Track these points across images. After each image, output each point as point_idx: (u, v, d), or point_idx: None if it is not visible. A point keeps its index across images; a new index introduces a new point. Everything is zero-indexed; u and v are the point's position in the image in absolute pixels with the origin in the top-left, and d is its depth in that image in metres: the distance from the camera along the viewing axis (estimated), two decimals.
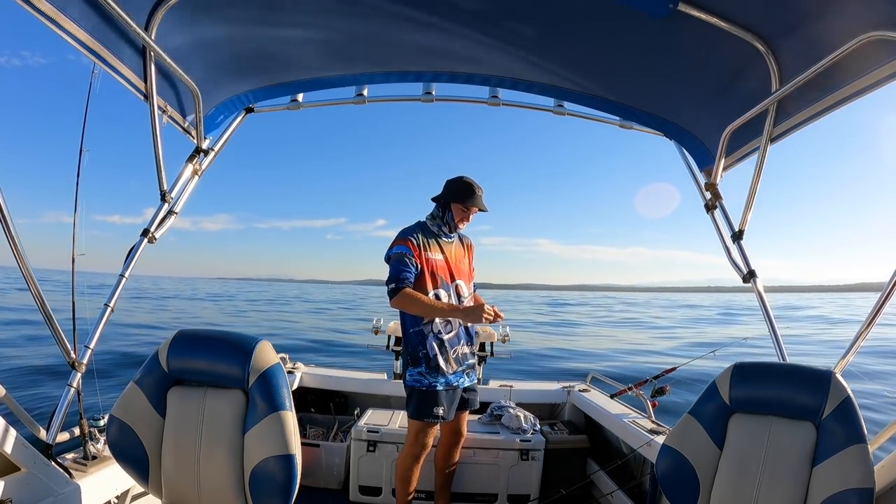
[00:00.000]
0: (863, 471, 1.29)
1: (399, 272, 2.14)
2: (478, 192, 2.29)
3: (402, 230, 2.28)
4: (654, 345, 14.95)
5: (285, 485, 1.40)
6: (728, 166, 2.25)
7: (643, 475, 2.54)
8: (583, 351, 13.07)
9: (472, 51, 2.06)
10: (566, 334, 18.24)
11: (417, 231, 2.26)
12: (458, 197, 2.28)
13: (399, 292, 2.12)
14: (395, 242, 2.23)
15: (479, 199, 2.29)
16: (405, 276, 2.14)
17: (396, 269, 2.15)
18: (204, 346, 1.50)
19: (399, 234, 2.26)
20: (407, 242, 2.19)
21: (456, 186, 2.30)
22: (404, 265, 2.15)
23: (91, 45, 1.57)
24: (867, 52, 1.40)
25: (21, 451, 1.40)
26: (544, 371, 9.07)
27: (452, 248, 2.37)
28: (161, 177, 1.99)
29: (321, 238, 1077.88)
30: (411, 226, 2.31)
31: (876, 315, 1.54)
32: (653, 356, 12.07)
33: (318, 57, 2.16)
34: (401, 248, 2.18)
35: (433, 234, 2.31)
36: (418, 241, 2.21)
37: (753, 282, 2.00)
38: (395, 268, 2.15)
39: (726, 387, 1.51)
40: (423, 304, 2.15)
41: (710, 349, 3.05)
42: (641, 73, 2.05)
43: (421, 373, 2.23)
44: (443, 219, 2.31)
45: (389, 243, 2.26)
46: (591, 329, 21.09)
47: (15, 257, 1.45)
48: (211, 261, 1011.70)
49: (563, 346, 13.76)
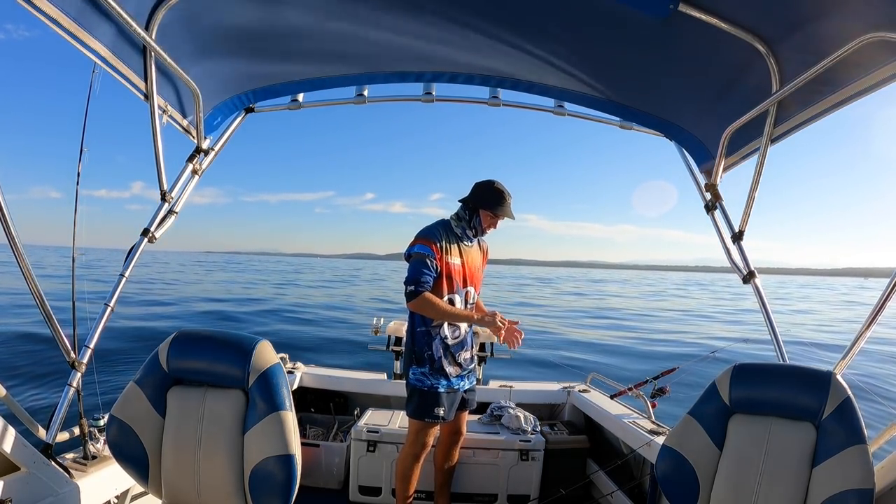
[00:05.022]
0: (863, 471, 1.29)
1: (420, 274, 2.11)
2: (508, 199, 2.23)
3: (426, 229, 2.22)
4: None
5: (285, 485, 1.40)
6: (728, 167, 2.25)
7: (643, 475, 2.54)
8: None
9: (473, 51, 2.06)
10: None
11: (441, 232, 2.21)
12: (489, 204, 2.22)
13: (419, 296, 2.10)
14: (417, 241, 2.17)
15: (508, 208, 2.24)
16: (425, 280, 2.11)
17: (417, 271, 2.11)
18: (204, 346, 1.50)
19: (422, 233, 2.20)
20: (431, 244, 2.14)
21: (487, 192, 2.23)
22: (426, 267, 2.11)
23: (91, 45, 1.57)
24: (867, 52, 1.40)
25: (21, 450, 1.40)
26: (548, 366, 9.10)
27: (471, 252, 2.33)
28: (161, 177, 1.99)
29: (310, 211, 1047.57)
30: (434, 225, 2.25)
31: (876, 315, 1.54)
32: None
33: (318, 57, 2.16)
34: (424, 248, 2.14)
35: (456, 238, 2.25)
36: (441, 243, 2.17)
37: (753, 282, 2.00)
38: (416, 269, 2.12)
39: (726, 387, 1.51)
40: (441, 309, 2.13)
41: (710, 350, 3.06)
42: (642, 73, 2.05)
43: (424, 373, 2.22)
44: (469, 222, 2.26)
45: (419, 233, 2.20)
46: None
47: (15, 257, 1.45)
48: (198, 235, 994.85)
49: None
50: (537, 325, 14.71)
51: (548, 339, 12.06)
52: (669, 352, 10.71)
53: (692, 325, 16.68)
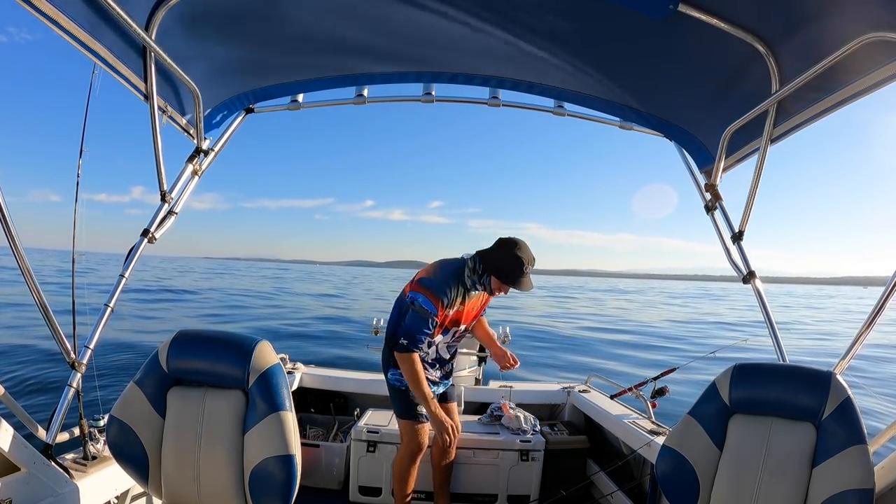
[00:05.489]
0: (863, 471, 1.29)
1: (419, 332, 2.11)
2: (527, 269, 2.09)
3: (438, 283, 2.14)
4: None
5: (285, 485, 1.40)
6: (728, 167, 2.25)
7: (643, 476, 2.54)
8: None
9: (473, 51, 2.06)
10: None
11: (452, 289, 2.14)
12: (504, 275, 2.11)
13: (408, 352, 2.13)
14: (427, 293, 2.11)
15: (525, 282, 2.10)
16: (421, 341, 2.13)
17: (416, 328, 2.11)
18: (204, 347, 1.50)
19: (434, 287, 2.13)
20: (437, 303, 2.11)
21: (505, 262, 2.09)
22: (425, 327, 2.11)
23: (91, 45, 1.57)
24: (867, 52, 1.40)
25: (21, 451, 1.40)
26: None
27: (474, 298, 2.30)
28: (161, 177, 1.99)
29: (309, 218, 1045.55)
30: (449, 276, 2.16)
31: (876, 316, 1.54)
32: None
33: (318, 57, 2.16)
34: (430, 306, 2.10)
35: (464, 289, 2.19)
36: (449, 301, 2.14)
37: (753, 283, 2.00)
38: (416, 326, 2.11)
39: (726, 387, 1.51)
40: (415, 376, 2.14)
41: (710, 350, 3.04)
42: (641, 73, 2.05)
43: (401, 376, 2.26)
44: (480, 279, 2.17)
45: (427, 283, 2.14)
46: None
47: (15, 257, 1.45)
48: (197, 240, 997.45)
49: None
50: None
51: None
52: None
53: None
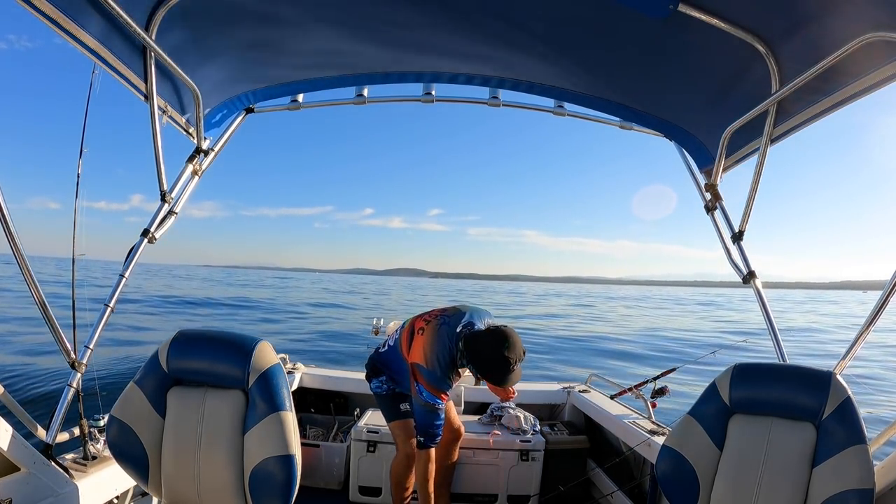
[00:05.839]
0: (863, 471, 1.29)
1: (434, 427, 2.15)
2: (514, 368, 2.01)
3: (440, 378, 2.09)
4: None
5: (285, 485, 1.40)
6: (728, 167, 2.25)
7: (643, 476, 2.54)
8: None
9: (472, 52, 2.06)
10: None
11: (451, 376, 2.13)
12: (492, 378, 2.07)
13: (426, 449, 2.19)
14: (432, 390, 2.09)
15: (513, 378, 2.04)
16: (437, 433, 2.17)
17: (430, 424, 2.14)
18: (204, 347, 1.50)
19: (435, 382, 2.10)
20: (441, 395, 2.12)
21: (492, 365, 2.02)
22: (438, 420, 2.15)
23: (91, 45, 1.57)
24: (867, 53, 1.40)
25: (21, 451, 1.40)
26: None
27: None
28: (161, 177, 1.99)
29: (308, 226, 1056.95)
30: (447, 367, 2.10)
31: (876, 316, 1.54)
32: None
33: (318, 57, 2.15)
34: (438, 401, 2.11)
35: (456, 371, 2.17)
36: (449, 386, 2.15)
37: (753, 282, 2.00)
38: (430, 421, 2.14)
39: (726, 387, 1.51)
40: (427, 475, 2.21)
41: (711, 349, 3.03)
42: (641, 73, 2.05)
43: (382, 381, 2.30)
44: (470, 369, 2.14)
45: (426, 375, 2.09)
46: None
47: (16, 258, 1.45)
48: (197, 248, 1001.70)
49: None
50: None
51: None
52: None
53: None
